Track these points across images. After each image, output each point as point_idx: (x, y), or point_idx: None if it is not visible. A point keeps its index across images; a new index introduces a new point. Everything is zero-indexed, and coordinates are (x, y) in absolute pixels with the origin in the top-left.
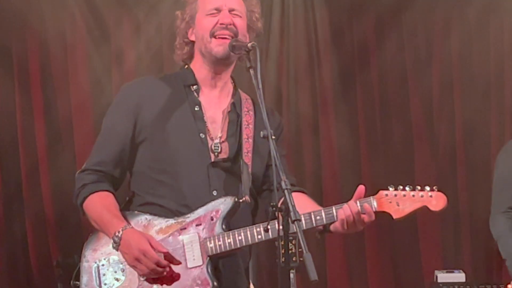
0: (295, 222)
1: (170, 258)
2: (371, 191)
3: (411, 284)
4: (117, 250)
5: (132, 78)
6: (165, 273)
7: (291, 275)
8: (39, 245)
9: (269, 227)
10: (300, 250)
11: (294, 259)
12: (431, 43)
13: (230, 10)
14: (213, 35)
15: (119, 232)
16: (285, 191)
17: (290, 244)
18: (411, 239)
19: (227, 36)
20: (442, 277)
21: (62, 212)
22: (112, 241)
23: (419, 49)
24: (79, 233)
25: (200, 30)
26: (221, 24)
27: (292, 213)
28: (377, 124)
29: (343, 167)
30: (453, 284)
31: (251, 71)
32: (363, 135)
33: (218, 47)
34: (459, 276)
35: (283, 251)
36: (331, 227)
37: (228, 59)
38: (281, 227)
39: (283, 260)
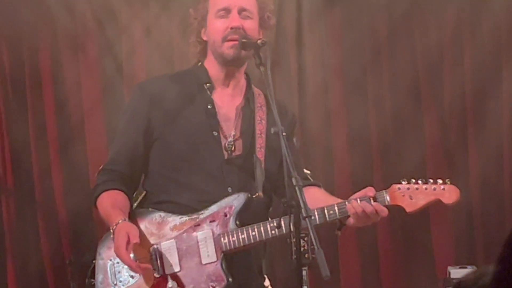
0: (307, 219)
1: (182, 262)
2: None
3: (424, 280)
4: None
5: (143, 76)
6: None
7: (304, 272)
8: (51, 244)
9: (281, 223)
10: (312, 247)
11: (306, 256)
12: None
13: (240, 11)
14: (225, 40)
15: (113, 227)
16: (296, 187)
17: (302, 241)
18: (423, 234)
19: (237, 40)
20: (455, 273)
21: (75, 211)
22: None
23: (431, 56)
24: (91, 231)
25: (211, 33)
26: (231, 28)
27: (303, 210)
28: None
29: (355, 167)
30: None
31: (261, 68)
32: (374, 133)
33: (229, 50)
34: None
35: (295, 248)
36: (347, 222)
37: (239, 60)
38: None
39: (295, 257)
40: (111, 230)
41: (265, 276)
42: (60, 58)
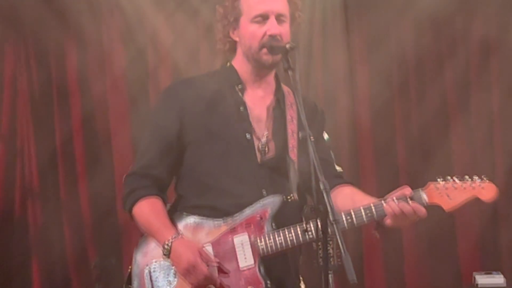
0: (334, 223)
1: (222, 267)
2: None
3: (449, 286)
4: (168, 257)
5: (169, 80)
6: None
7: (329, 277)
8: (76, 248)
9: (308, 227)
10: (337, 251)
11: (331, 261)
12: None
13: (278, 16)
14: (263, 47)
15: (169, 241)
16: (323, 192)
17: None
18: (449, 240)
19: None
20: (481, 279)
21: (100, 215)
22: (162, 247)
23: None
24: (116, 235)
25: (247, 38)
26: (269, 35)
27: (330, 214)
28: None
29: (380, 164)
30: (492, 287)
31: (290, 72)
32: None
33: (267, 56)
34: (497, 278)
35: (321, 253)
36: (384, 222)
37: (276, 65)
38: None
39: (321, 261)
40: (167, 244)
41: (301, 277)
42: (87, 69)
